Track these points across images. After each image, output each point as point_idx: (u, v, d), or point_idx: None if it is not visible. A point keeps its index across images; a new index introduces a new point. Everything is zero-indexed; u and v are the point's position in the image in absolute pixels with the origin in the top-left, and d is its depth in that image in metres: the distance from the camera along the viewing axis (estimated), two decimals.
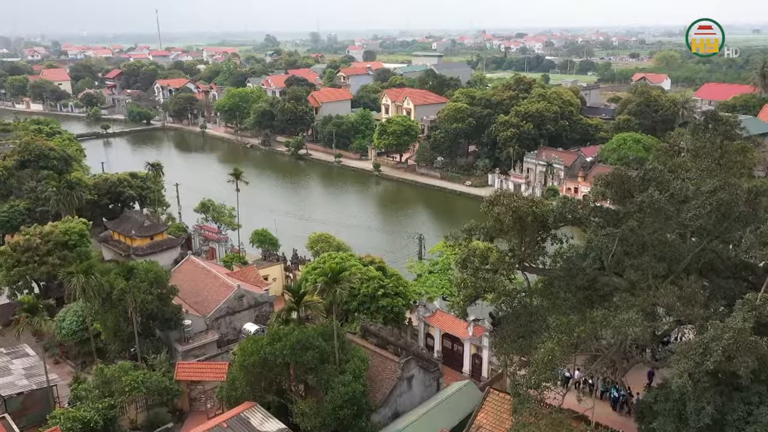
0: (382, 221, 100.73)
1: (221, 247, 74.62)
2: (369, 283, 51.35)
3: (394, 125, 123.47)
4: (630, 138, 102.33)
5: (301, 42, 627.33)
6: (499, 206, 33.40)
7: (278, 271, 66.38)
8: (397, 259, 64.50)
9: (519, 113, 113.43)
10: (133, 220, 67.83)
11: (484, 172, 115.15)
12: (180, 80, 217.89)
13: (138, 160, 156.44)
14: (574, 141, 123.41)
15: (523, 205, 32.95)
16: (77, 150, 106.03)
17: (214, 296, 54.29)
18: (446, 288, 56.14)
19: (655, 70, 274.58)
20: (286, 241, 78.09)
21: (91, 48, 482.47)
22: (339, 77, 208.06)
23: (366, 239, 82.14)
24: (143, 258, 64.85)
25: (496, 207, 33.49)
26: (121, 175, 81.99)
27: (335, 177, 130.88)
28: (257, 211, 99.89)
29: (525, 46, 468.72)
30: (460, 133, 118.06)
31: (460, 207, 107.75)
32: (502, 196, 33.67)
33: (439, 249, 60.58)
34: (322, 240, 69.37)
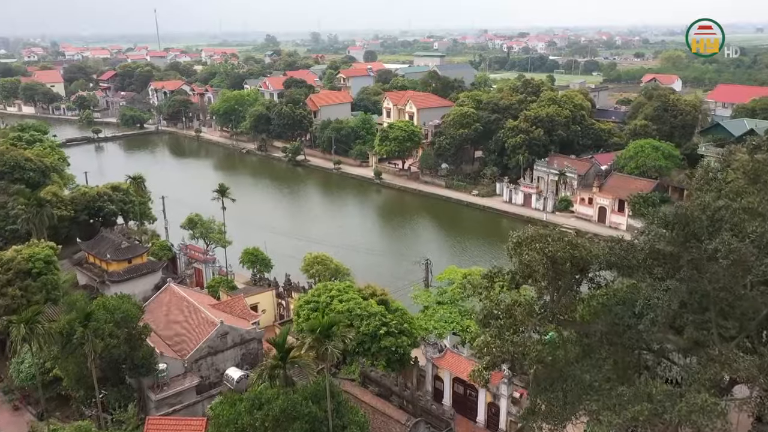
0: (384, 237, 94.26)
1: (208, 269, 68.21)
2: (370, 320, 45.00)
3: (396, 131, 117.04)
4: (648, 145, 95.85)
5: (302, 42, 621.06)
6: (529, 250, 27.00)
7: (269, 299, 60.04)
8: (400, 288, 58.09)
9: (528, 118, 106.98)
10: (109, 242, 61.49)
11: (492, 180, 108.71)
12: (175, 82, 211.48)
13: (130, 166, 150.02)
14: (585, 147, 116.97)
15: (560, 250, 26.51)
16: (59, 159, 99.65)
17: (194, 333, 47.96)
18: (457, 322, 49.76)
19: (661, 70, 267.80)
20: (279, 261, 71.75)
21: (90, 49, 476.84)
22: (339, 79, 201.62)
23: (366, 260, 75.84)
24: (119, 285, 58.76)
25: (526, 251, 27.09)
26: (101, 189, 75.68)
27: (334, 185, 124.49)
28: (250, 224, 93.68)
29: (528, 46, 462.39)
30: (466, 139, 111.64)
31: (466, 219, 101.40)
32: (532, 237, 27.26)
33: (447, 276, 54.21)
34: (318, 262, 63.01)
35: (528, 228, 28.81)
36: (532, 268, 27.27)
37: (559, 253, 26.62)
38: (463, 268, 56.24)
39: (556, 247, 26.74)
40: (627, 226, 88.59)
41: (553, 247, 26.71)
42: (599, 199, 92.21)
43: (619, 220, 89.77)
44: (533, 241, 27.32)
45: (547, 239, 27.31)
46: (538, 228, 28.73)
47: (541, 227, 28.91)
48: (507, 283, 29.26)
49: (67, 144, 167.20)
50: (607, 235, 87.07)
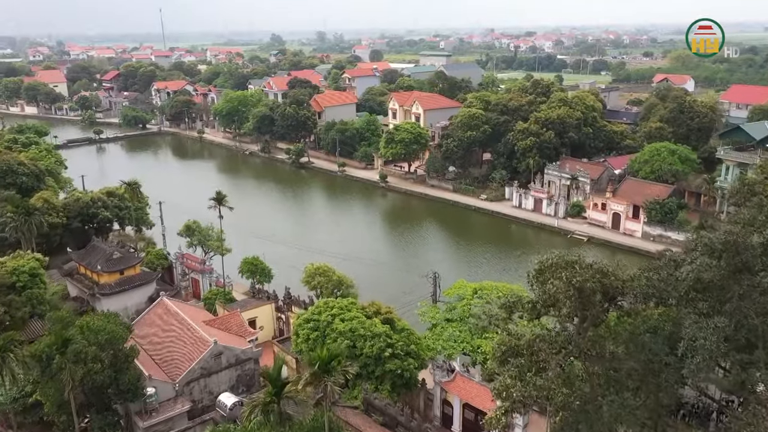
0: (389, 245, 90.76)
1: (205, 280, 65.16)
2: (374, 341, 41.84)
3: (402, 133, 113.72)
4: (664, 148, 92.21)
5: (308, 41, 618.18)
6: (554, 279, 23.73)
7: (268, 313, 56.96)
8: (406, 304, 54.84)
9: (539, 120, 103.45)
10: (100, 252, 58.53)
11: (501, 184, 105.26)
12: (178, 82, 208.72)
13: (131, 168, 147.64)
14: (597, 150, 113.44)
15: (588, 279, 23.23)
16: (56, 162, 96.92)
17: (186, 353, 44.93)
18: (467, 342, 46.51)
19: (671, 69, 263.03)
20: (279, 271, 68.67)
21: (95, 48, 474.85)
22: (344, 79, 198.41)
23: (371, 271, 72.61)
24: (110, 298, 55.86)
25: (550, 280, 23.83)
26: (95, 194, 72.83)
27: (338, 188, 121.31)
28: (250, 231, 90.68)
29: (535, 45, 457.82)
30: (474, 141, 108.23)
31: (475, 224, 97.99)
32: (557, 265, 23.99)
33: (457, 290, 50.94)
34: (320, 273, 59.76)
35: (552, 253, 25.50)
36: (556, 298, 23.98)
37: (588, 283, 23.36)
38: (473, 281, 52.95)
39: (584, 277, 23.52)
40: (642, 233, 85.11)
41: (581, 276, 23.49)
42: (613, 205, 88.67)
43: (634, 226, 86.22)
44: (558, 268, 24.09)
45: (574, 267, 24.04)
46: (563, 253, 25.40)
47: (564, 253, 25.53)
48: (527, 313, 25.95)
49: (68, 145, 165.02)
50: (621, 242, 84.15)
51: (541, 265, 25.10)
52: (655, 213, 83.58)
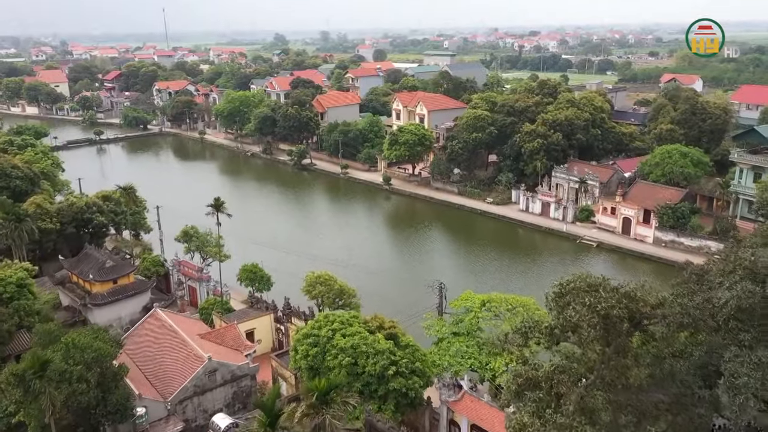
0: (393, 250, 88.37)
1: (202, 288, 62.96)
2: (377, 358, 39.54)
3: (406, 134, 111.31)
4: (676, 151, 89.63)
5: (311, 41, 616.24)
6: (575, 304, 21.39)
7: (266, 324, 54.77)
8: (411, 316, 52.46)
9: (546, 122, 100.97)
10: (92, 260, 56.39)
11: (507, 187, 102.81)
12: (180, 82, 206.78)
13: (131, 169, 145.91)
14: (606, 152, 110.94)
15: (615, 306, 20.89)
16: (52, 164, 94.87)
17: (179, 370, 42.73)
18: (475, 357, 44.18)
19: (678, 69, 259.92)
20: (279, 279, 66.42)
21: (99, 48, 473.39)
22: (347, 79, 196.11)
23: (374, 279, 70.26)
24: (102, 308, 53.72)
25: (572, 305, 21.49)
26: (90, 199, 70.69)
27: (341, 191, 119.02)
28: (250, 235, 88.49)
29: (539, 45, 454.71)
30: (480, 143, 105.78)
31: (480, 229, 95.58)
32: (579, 288, 21.65)
33: (464, 302, 48.55)
34: (321, 282, 57.52)
35: (574, 276, 23.12)
36: (578, 325, 21.64)
37: (615, 310, 21.01)
38: (481, 292, 50.56)
39: (609, 303, 21.13)
40: (654, 238, 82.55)
41: (606, 302, 21.12)
42: (623, 209, 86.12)
43: (645, 232, 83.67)
44: (580, 292, 21.71)
45: (598, 291, 21.65)
46: (585, 275, 23.04)
47: (586, 274, 23.16)
48: (545, 338, 23.59)
49: (68, 146, 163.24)
50: (632, 248, 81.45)
51: (561, 288, 22.77)
52: (666, 218, 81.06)
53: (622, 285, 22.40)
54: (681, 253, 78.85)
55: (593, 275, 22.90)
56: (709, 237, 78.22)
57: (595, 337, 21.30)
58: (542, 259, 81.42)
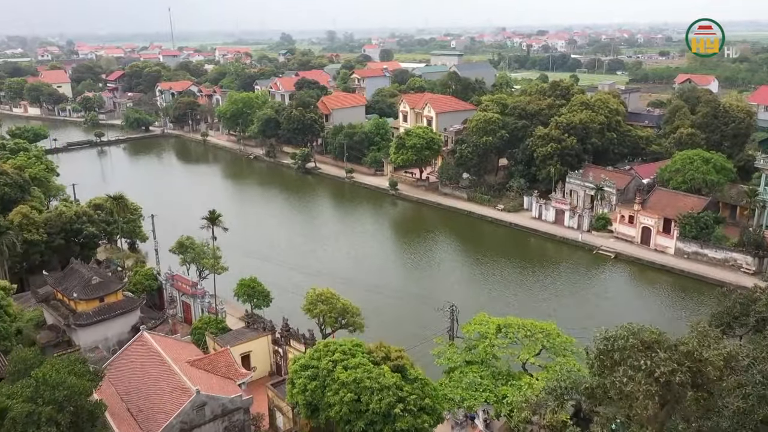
0: (399, 262, 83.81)
1: (196, 304, 59.13)
2: (382, 394, 35.54)
3: (413, 138, 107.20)
4: (697, 156, 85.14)
5: (318, 40, 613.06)
6: (626, 367, 17.33)
7: (264, 346, 50.85)
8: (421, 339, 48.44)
9: (560, 125, 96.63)
10: (78, 276, 52.61)
11: (519, 193, 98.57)
12: (183, 83, 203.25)
13: (132, 172, 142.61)
14: (621, 156, 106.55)
15: (678, 370, 16.81)
16: (46, 169, 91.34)
17: (165, 404, 38.80)
18: (490, 390, 40.10)
19: (690, 69, 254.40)
20: (279, 294, 62.67)
21: (105, 47, 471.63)
22: (353, 79, 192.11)
23: (378, 295, 66.14)
24: (87, 329, 49.94)
25: (622, 369, 17.43)
26: (80, 209, 66.98)
27: (346, 196, 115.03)
28: (251, 243, 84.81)
29: (547, 44, 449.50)
30: (490, 147, 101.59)
31: (491, 237, 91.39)
32: (631, 347, 17.58)
33: (477, 326, 44.42)
34: (322, 300, 53.67)
35: (622, 329, 19.03)
36: (632, 395, 17.57)
37: (677, 375, 16.93)
38: (496, 316, 46.48)
39: (669, 366, 17.02)
40: (675, 249, 78.15)
41: (666, 365, 17.03)
42: (642, 218, 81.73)
43: (666, 242, 79.27)
44: (633, 352, 17.62)
45: (655, 351, 17.56)
46: (633, 325, 18.94)
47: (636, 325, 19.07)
48: (585, 399, 19.52)
49: (68, 148, 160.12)
50: (652, 260, 76.91)
51: (607, 343, 18.73)
52: (689, 228, 76.65)
53: (681, 341, 18.20)
54: (705, 265, 74.57)
55: (644, 327, 18.80)
56: (734, 249, 73.80)
57: (654, 410, 17.20)
58: (558, 271, 77.16)
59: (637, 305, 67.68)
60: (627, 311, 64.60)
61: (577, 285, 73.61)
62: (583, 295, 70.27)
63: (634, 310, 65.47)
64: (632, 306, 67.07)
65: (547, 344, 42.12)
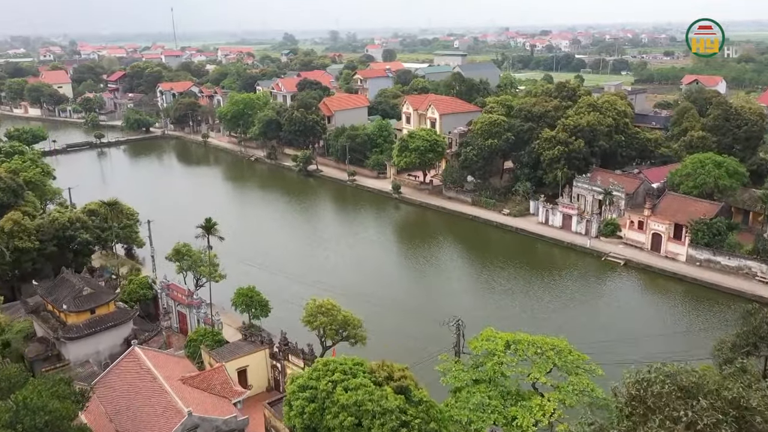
0: (402, 269, 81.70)
1: (192, 315, 57.10)
2: (384, 418, 33.46)
3: (417, 140, 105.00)
4: (709, 160, 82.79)
5: (320, 40, 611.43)
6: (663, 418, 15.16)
7: (261, 360, 48.79)
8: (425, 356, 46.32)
9: (567, 127, 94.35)
10: (68, 286, 50.61)
11: (525, 197, 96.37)
12: (184, 83, 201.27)
13: (131, 175, 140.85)
14: (629, 159, 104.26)
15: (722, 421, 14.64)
16: (41, 172, 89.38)
17: (156, 424, 36.80)
18: (499, 412, 37.93)
19: (696, 69, 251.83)
20: (278, 303, 60.64)
21: (107, 47, 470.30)
22: (356, 80, 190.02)
23: (381, 305, 64.01)
24: (77, 342, 47.99)
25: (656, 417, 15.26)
26: (73, 215, 64.94)
27: (348, 199, 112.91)
28: (250, 249, 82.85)
29: (551, 44, 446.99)
30: (496, 150, 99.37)
31: (497, 243, 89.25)
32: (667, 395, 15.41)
33: (485, 342, 42.20)
34: (323, 311, 51.54)
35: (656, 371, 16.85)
36: None
37: (722, 428, 14.76)
38: (504, 328, 44.24)
39: (713, 417, 14.85)
40: (687, 256, 75.87)
41: (710, 416, 14.84)
42: (653, 224, 79.45)
43: (678, 249, 76.99)
44: (671, 400, 15.44)
45: (695, 397, 15.39)
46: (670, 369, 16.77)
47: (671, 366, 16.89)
48: None
49: (67, 150, 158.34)
50: (663, 267, 74.52)
51: (639, 388, 16.54)
52: (701, 234, 74.33)
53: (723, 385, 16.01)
54: (718, 273, 72.29)
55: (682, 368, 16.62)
56: (749, 257, 71.48)
57: None
58: (566, 279, 74.98)
59: (650, 315, 65.46)
60: (640, 323, 62.52)
61: (587, 294, 71.42)
62: (594, 304, 68.06)
63: (648, 321, 63.34)
64: (645, 317, 64.87)
65: (559, 362, 39.90)
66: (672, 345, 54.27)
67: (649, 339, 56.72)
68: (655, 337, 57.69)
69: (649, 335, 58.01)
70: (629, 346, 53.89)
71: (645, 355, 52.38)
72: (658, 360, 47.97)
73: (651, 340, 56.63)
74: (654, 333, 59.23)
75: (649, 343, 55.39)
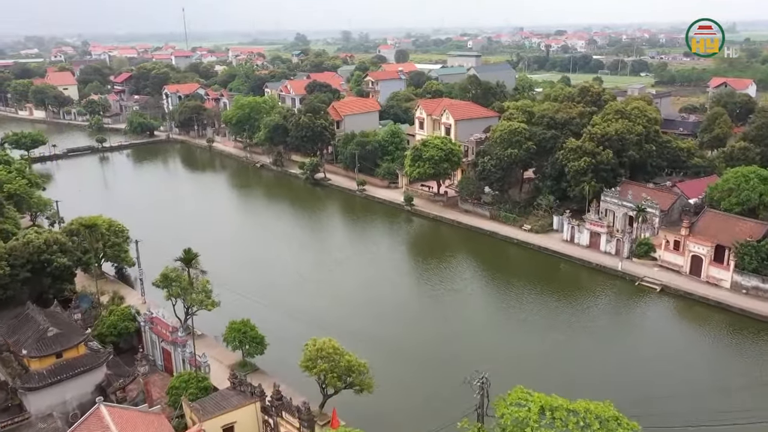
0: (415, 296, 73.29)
1: (178, 354, 50.54)
2: None
3: (431, 149, 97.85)
4: (754, 174, 75.10)
5: (333, 40, 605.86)
6: None
7: (251, 415, 41.99)
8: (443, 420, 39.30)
9: (594, 136, 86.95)
10: (32, 326, 44.24)
11: (548, 212, 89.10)
12: (191, 85, 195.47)
13: (132, 180, 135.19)
14: (659, 169, 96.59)
15: None
16: (28, 184, 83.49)
17: None
18: None
19: (719, 71, 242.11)
20: (273, 342, 53.98)
21: (119, 48, 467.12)
22: (367, 82, 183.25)
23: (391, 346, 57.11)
24: (39, 392, 41.53)
25: None
26: (51, 236, 58.52)
27: (357, 211, 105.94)
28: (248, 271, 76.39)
29: (566, 45, 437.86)
30: (516, 160, 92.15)
31: (517, 263, 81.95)
32: None
33: (513, 408, 35.19)
34: (323, 355, 44.87)
35: None
36: None
37: None
38: (532, 377, 37.20)
39: None
40: (731, 283, 68.20)
41: None
42: (691, 245, 71.85)
43: (721, 274, 69.29)
44: None
45: None
46: None
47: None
48: None
49: (68, 154, 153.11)
50: (704, 294, 65.87)
51: None
52: (748, 258, 66.68)
53: None
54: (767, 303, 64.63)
55: None
56: None
57: None
58: (598, 309, 67.56)
59: (702, 359, 57.14)
60: (691, 369, 54.54)
61: (624, 329, 63.68)
62: (633, 344, 59.09)
63: (700, 368, 55.17)
64: (696, 361, 56.42)
65: None
66: (728, 400, 47.31)
67: (700, 392, 49.72)
68: (708, 389, 50.58)
69: (699, 387, 50.86)
70: (681, 401, 46.85)
71: (699, 413, 45.35)
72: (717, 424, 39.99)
73: (702, 393, 49.60)
74: (705, 382, 52.03)
75: (700, 398, 48.42)
